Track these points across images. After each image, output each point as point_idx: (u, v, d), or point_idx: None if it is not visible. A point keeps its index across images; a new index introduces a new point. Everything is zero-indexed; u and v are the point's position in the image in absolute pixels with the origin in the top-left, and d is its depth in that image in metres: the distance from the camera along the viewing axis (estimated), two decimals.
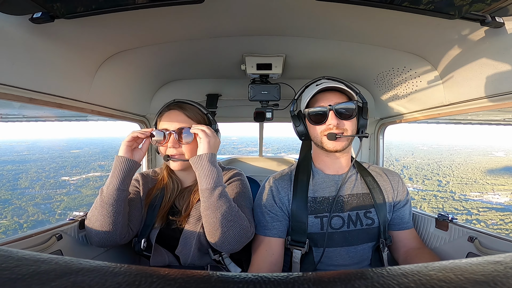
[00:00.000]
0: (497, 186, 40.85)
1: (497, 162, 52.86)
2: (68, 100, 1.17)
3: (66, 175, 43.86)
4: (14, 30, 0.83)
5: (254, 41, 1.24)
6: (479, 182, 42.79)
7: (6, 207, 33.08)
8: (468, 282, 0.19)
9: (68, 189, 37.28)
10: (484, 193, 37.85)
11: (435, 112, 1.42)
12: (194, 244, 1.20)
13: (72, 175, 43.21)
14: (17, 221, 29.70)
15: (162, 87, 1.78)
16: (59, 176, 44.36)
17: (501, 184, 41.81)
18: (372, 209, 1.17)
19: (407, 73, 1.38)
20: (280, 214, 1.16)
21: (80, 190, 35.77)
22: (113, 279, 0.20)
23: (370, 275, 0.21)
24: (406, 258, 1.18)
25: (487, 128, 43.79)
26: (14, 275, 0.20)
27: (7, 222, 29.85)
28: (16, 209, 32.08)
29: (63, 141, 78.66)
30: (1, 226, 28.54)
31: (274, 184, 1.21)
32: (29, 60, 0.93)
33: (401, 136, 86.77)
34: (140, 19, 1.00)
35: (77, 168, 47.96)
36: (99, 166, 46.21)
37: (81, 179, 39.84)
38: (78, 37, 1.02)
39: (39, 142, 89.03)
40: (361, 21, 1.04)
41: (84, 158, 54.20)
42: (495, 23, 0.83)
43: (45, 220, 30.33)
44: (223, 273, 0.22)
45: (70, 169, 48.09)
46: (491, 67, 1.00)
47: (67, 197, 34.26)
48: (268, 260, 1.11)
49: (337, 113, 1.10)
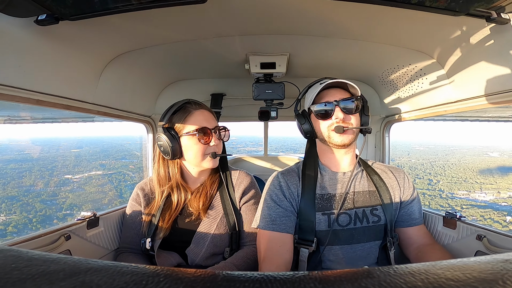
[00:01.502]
0: (485, 185, 41.62)
1: (490, 162, 52.87)
2: (75, 101, 1.19)
3: (68, 173, 44.84)
4: (19, 32, 0.84)
5: (257, 40, 1.24)
6: (469, 181, 43.37)
7: (15, 203, 33.84)
8: (476, 280, 0.19)
9: (72, 186, 38.22)
10: (472, 192, 38.69)
11: (441, 109, 1.40)
12: (206, 244, 1.22)
13: (74, 174, 44.12)
14: (27, 216, 30.44)
15: (167, 87, 1.79)
16: (62, 174, 45.26)
17: (490, 183, 42.61)
18: (378, 206, 1.16)
19: (412, 70, 1.36)
20: (290, 210, 1.15)
21: (84, 188, 36.67)
22: (120, 278, 0.20)
23: (377, 273, 0.21)
24: (417, 255, 1.17)
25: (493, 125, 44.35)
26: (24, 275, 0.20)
27: (17, 217, 30.58)
28: (24, 205, 32.84)
29: (62, 140, 79.85)
30: (12, 221, 29.27)
31: (283, 179, 1.21)
32: (35, 62, 0.95)
33: (399, 137, 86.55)
34: (144, 20, 1.01)
35: (79, 167, 48.98)
36: (100, 165, 47.07)
37: (84, 177, 40.62)
38: (83, 39, 1.03)
39: (38, 141, 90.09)
40: (365, 19, 1.03)
41: (85, 157, 55.12)
42: (500, 19, 0.82)
43: (53, 215, 30.96)
44: (229, 272, 0.22)
45: (72, 167, 49.04)
46: (497, 63, 0.98)
47: (71, 194, 35.18)
48: (283, 257, 1.08)
49: (343, 108, 1.12)
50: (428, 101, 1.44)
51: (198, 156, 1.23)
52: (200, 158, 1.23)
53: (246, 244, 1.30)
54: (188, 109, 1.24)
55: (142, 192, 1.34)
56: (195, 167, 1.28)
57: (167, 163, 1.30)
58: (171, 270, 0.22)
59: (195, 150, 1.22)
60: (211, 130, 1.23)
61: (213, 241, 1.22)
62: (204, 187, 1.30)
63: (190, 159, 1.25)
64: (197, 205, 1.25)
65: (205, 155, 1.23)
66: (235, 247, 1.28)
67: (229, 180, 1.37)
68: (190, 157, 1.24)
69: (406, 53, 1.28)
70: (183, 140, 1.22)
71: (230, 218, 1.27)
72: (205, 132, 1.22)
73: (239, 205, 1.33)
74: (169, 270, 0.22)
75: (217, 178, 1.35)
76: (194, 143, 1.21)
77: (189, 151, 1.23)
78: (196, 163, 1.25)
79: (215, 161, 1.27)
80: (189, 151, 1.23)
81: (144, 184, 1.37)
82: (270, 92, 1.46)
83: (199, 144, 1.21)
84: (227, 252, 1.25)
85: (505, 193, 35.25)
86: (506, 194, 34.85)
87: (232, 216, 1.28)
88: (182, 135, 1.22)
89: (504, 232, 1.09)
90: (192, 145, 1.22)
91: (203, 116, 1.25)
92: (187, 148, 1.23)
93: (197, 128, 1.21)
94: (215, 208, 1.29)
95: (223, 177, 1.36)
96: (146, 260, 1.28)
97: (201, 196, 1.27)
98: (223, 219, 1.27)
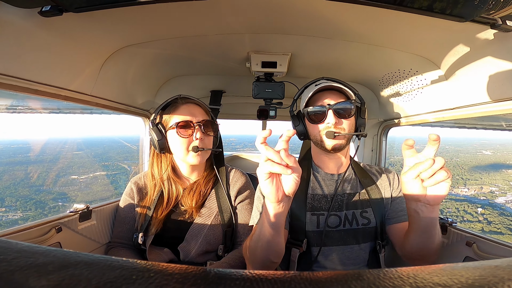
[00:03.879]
0: (470, 181, 42.84)
1: (482, 160, 53.60)
2: (74, 93, 1.18)
3: (74, 174, 46.59)
4: (23, 22, 0.84)
5: (259, 39, 1.24)
6: (455, 177, 44.25)
7: (28, 201, 35.35)
8: (464, 286, 0.19)
9: (79, 186, 39.81)
10: (456, 187, 39.80)
11: (440, 116, 1.41)
12: (199, 242, 1.22)
13: (80, 174, 45.62)
14: (41, 212, 31.61)
15: (166, 82, 1.78)
16: (68, 175, 46.99)
17: (475, 179, 43.75)
18: (368, 208, 1.17)
19: (414, 75, 1.36)
20: None
21: (91, 187, 37.86)
22: (110, 272, 0.20)
23: (367, 276, 0.21)
24: (404, 243, 1.17)
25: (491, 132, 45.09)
26: (12, 266, 0.20)
27: (33, 213, 31.87)
28: (37, 202, 34.30)
29: (62, 142, 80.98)
30: (29, 216, 30.47)
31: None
32: (37, 53, 0.94)
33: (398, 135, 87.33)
34: (146, 14, 1.00)
35: (83, 168, 50.30)
36: (104, 166, 48.27)
37: (89, 178, 41.92)
38: (85, 31, 1.02)
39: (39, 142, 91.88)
40: (368, 22, 1.03)
41: (88, 159, 56.71)
42: (505, 27, 0.82)
43: (66, 210, 32.30)
44: (221, 269, 0.22)
45: (77, 168, 50.34)
46: (499, 71, 0.98)
47: (80, 192, 36.47)
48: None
49: (335, 112, 1.11)
50: (428, 107, 1.45)
51: (181, 150, 1.22)
52: (183, 153, 1.22)
53: (242, 243, 1.30)
54: (176, 104, 1.25)
55: (136, 186, 1.34)
56: (183, 162, 1.28)
57: (160, 157, 1.30)
58: (161, 265, 0.22)
59: (178, 144, 1.22)
60: (193, 124, 1.22)
61: (206, 238, 1.22)
62: (198, 185, 1.30)
63: (176, 154, 1.25)
64: (190, 202, 1.25)
65: (189, 150, 1.22)
66: (229, 245, 1.28)
67: (225, 177, 1.36)
68: (175, 152, 1.25)
69: (408, 58, 1.28)
70: (169, 134, 1.23)
71: (225, 216, 1.27)
72: (187, 126, 1.21)
73: (234, 203, 1.33)
74: (160, 265, 0.22)
75: (212, 177, 1.35)
76: (177, 137, 1.21)
77: (173, 145, 1.24)
78: (182, 158, 1.25)
79: (201, 157, 1.24)
80: (173, 145, 1.24)
81: (138, 179, 1.37)
82: (270, 91, 1.46)
83: (181, 138, 1.21)
84: (220, 250, 1.25)
85: (488, 188, 36.59)
86: (488, 189, 36.19)
87: (227, 214, 1.28)
88: (168, 129, 1.23)
89: (493, 239, 1.10)
90: (175, 139, 1.22)
91: (188, 110, 1.24)
92: (171, 142, 1.24)
93: (178, 121, 1.21)
94: (210, 206, 1.29)
95: (219, 174, 1.35)
96: (138, 255, 1.28)
97: (194, 194, 1.27)
98: (218, 217, 1.27)
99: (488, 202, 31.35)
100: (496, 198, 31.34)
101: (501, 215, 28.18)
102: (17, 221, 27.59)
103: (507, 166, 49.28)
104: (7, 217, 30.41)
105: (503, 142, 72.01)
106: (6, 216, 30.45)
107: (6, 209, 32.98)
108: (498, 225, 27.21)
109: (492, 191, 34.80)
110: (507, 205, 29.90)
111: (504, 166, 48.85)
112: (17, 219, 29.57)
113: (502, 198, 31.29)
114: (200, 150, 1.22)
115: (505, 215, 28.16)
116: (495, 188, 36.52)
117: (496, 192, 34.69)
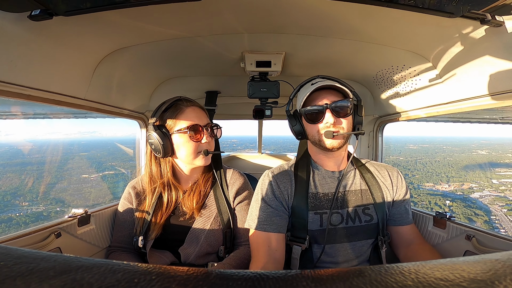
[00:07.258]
0: (453, 178, 44.22)
1: (474, 159, 54.91)
2: (67, 97, 1.17)
3: (85, 173, 48.96)
4: (12, 27, 0.82)
5: (253, 39, 1.23)
6: (440, 175, 45.87)
7: (47, 197, 37.85)
8: (465, 280, 0.19)
9: (91, 184, 42.17)
10: (438, 184, 41.16)
11: (434, 110, 1.42)
12: (200, 243, 1.21)
13: (90, 174, 48.00)
14: (62, 206, 33.31)
15: (161, 84, 1.77)
16: (79, 174, 49.06)
17: (458, 177, 45.33)
18: (370, 205, 1.17)
19: (407, 71, 1.38)
20: (280, 209, 1.15)
21: (101, 185, 39.44)
22: (112, 276, 0.20)
23: (368, 273, 0.21)
24: (407, 254, 1.18)
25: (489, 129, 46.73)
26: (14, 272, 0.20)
27: (53, 207, 33.50)
28: (55, 198, 36.27)
29: (68, 144, 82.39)
30: (51, 210, 31.74)
31: (273, 178, 1.21)
32: (28, 58, 0.93)
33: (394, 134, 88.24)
34: (139, 16, 0.99)
35: (92, 168, 52.41)
36: (111, 166, 49.69)
37: (99, 176, 44.11)
38: (77, 34, 1.01)
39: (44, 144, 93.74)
40: (361, 19, 1.04)
41: (95, 159, 58.63)
42: (495, 22, 0.83)
43: (83, 204, 34.10)
44: (222, 270, 0.22)
45: (86, 168, 52.29)
46: (490, 65, 0.99)
47: (93, 189, 38.53)
48: (272, 256, 1.09)
49: (333, 111, 1.11)
50: (422, 102, 1.46)
51: (190, 153, 1.22)
52: (192, 156, 1.22)
53: (242, 243, 1.30)
54: (180, 106, 1.23)
55: (134, 190, 1.33)
56: (187, 164, 1.28)
57: (159, 161, 1.29)
58: (163, 268, 0.22)
59: (187, 148, 1.21)
60: (202, 127, 1.23)
61: (207, 240, 1.22)
62: (197, 185, 1.30)
63: (182, 157, 1.24)
64: (190, 204, 1.25)
65: (198, 153, 1.23)
66: (230, 245, 1.28)
67: (223, 178, 1.36)
68: (182, 155, 1.23)
69: (401, 54, 1.29)
70: (175, 137, 1.22)
71: (224, 217, 1.27)
72: (196, 129, 1.21)
73: (233, 204, 1.33)
74: (162, 268, 0.22)
75: (210, 176, 1.35)
76: (186, 141, 1.21)
77: (180, 149, 1.22)
78: (188, 161, 1.25)
79: (207, 159, 1.27)
80: (180, 149, 1.22)
81: (135, 183, 1.36)
82: (265, 91, 1.46)
83: (190, 141, 1.21)
84: (221, 251, 1.25)
85: (468, 185, 38.05)
86: (468, 186, 37.71)
87: (226, 215, 1.27)
88: (173, 132, 1.21)
89: (493, 233, 1.11)
90: (183, 143, 1.21)
91: (195, 113, 1.24)
92: (178, 146, 1.22)
93: (188, 125, 1.20)
94: (209, 207, 1.29)
95: (217, 175, 1.35)
96: (138, 259, 1.27)
97: (194, 195, 1.26)
98: (217, 218, 1.27)
99: (462, 197, 33.09)
100: (472, 194, 32.83)
101: (466, 207, 29.77)
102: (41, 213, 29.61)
103: (496, 165, 50.58)
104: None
105: (502, 142, 73.22)
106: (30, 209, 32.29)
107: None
108: (460, 216, 28.33)
109: (471, 187, 36.38)
110: (479, 199, 31.70)
111: (494, 165, 50.14)
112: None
113: (477, 193, 33.05)
114: (211, 153, 1.25)
115: (470, 208, 29.80)
116: (475, 185, 38.10)
117: (475, 188, 36.28)
